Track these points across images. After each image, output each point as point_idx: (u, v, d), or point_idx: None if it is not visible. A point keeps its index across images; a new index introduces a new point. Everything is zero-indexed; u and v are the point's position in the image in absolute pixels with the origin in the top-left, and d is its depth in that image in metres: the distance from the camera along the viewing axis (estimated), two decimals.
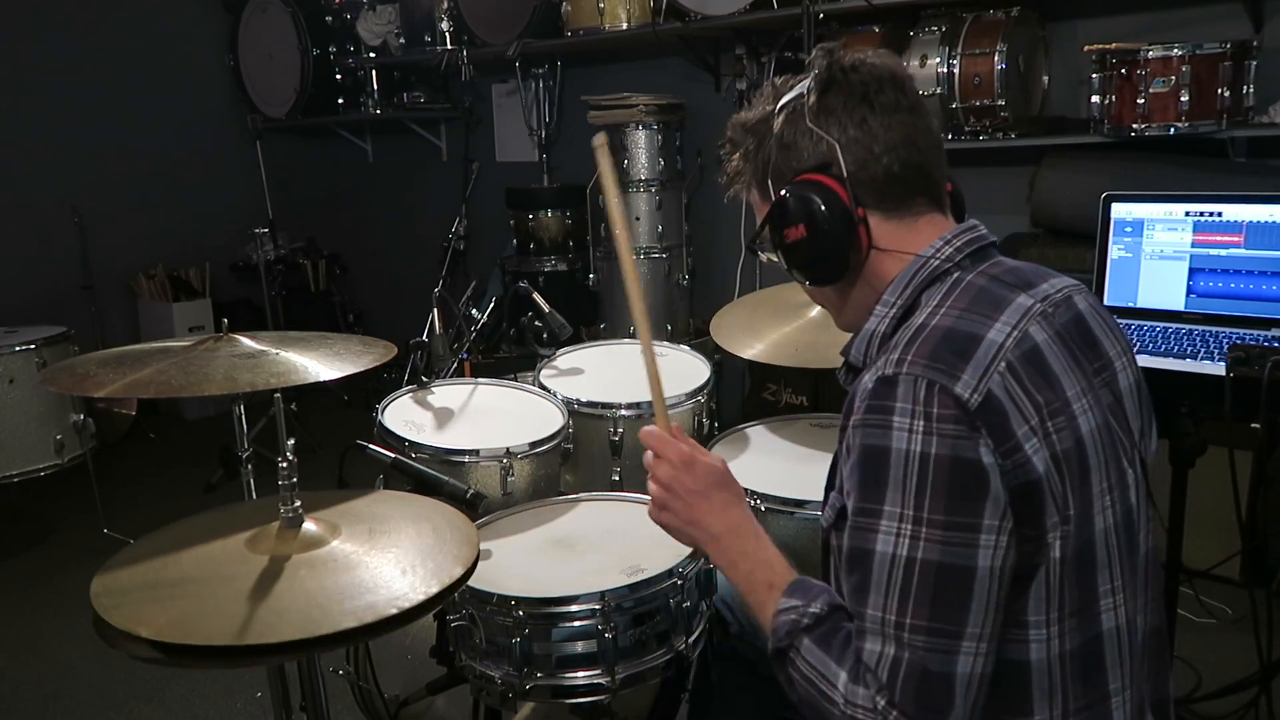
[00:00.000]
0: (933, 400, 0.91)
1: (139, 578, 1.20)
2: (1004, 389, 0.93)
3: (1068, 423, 0.97)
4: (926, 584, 0.91)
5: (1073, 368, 1.01)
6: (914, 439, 0.91)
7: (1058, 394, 0.97)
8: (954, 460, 0.90)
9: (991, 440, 0.91)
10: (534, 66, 4.35)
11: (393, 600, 1.14)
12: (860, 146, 1.07)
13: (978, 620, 0.91)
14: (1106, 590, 0.99)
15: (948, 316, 0.99)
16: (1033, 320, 1.01)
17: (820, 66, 1.10)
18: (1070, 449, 0.96)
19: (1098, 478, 0.99)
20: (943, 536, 0.90)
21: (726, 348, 2.10)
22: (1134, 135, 2.68)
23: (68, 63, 4.65)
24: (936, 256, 1.08)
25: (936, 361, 0.94)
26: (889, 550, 0.92)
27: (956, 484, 0.90)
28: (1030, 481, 0.92)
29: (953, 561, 0.90)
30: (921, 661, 0.91)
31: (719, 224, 4.12)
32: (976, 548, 0.90)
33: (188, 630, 1.09)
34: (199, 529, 1.34)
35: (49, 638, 2.93)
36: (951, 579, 0.90)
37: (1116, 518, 1.00)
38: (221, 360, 1.58)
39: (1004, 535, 0.91)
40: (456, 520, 1.38)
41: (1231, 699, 2.17)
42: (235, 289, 5.23)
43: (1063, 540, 0.95)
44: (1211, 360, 1.84)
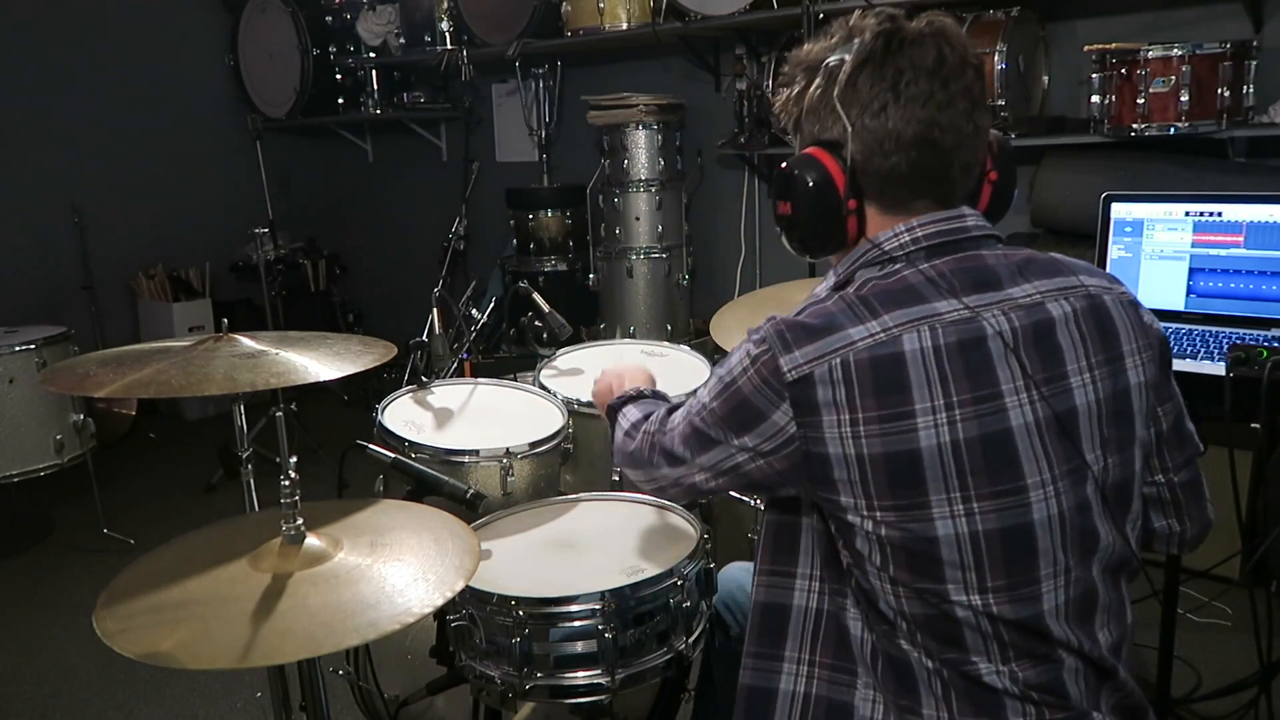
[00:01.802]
0: (761, 357, 1.05)
1: (143, 600, 1.20)
2: (825, 378, 1.01)
3: (889, 431, 1.00)
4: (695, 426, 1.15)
5: (954, 379, 1.00)
6: (738, 367, 1.08)
7: (893, 403, 1.00)
8: (744, 400, 1.07)
9: (793, 410, 1.03)
10: (534, 66, 4.35)
11: (395, 617, 1.14)
12: (872, 137, 1.06)
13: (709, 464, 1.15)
14: (958, 588, 1.02)
15: (841, 302, 1.05)
16: (920, 326, 1.01)
17: (869, 35, 1.06)
18: (881, 455, 1.00)
19: (940, 486, 1.00)
20: (713, 422, 1.12)
21: (726, 347, 2.09)
22: (1134, 135, 2.68)
23: (68, 63, 4.65)
24: (889, 244, 1.09)
25: (787, 331, 1.04)
26: (697, 400, 1.17)
27: (736, 411, 1.08)
28: (820, 455, 1.03)
29: (706, 433, 1.13)
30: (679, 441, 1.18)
31: (719, 224, 4.12)
32: (727, 444, 1.11)
33: (194, 654, 1.10)
34: (201, 545, 1.34)
35: (49, 638, 2.93)
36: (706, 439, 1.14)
37: (982, 528, 1.01)
38: (221, 360, 1.58)
39: (754, 456, 1.09)
40: (458, 529, 1.38)
41: (1231, 699, 2.17)
42: (235, 289, 5.23)
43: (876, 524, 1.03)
44: (1211, 360, 1.84)
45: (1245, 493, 2.51)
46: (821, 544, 1.12)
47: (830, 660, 1.11)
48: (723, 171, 4.08)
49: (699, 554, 1.59)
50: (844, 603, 1.11)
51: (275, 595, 1.19)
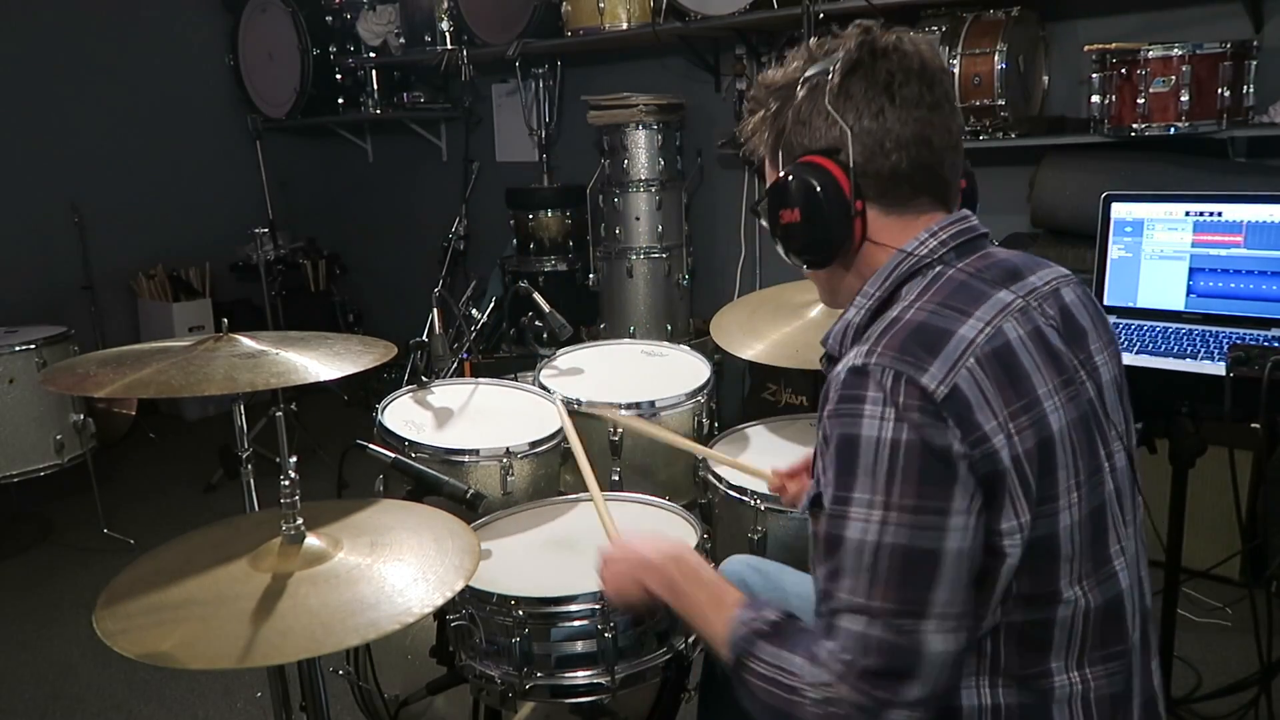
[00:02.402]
0: (899, 390, 0.94)
1: (143, 600, 1.20)
2: (971, 383, 0.95)
3: (1033, 421, 0.97)
4: (895, 566, 0.93)
5: (1046, 365, 1.01)
6: (884, 426, 0.93)
7: (1024, 392, 0.98)
8: (923, 445, 0.92)
9: (959, 430, 0.93)
10: (534, 66, 4.35)
11: (395, 617, 1.15)
12: (872, 139, 1.06)
13: (943, 599, 0.93)
14: (1066, 583, 1.00)
15: (922, 311, 1.01)
16: (1008, 317, 1.01)
17: (852, 44, 1.08)
18: (1032, 449, 0.96)
19: (1065, 474, 0.99)
20: (912, 520, 0.92)
21: (726, 348, 2.10)
22: (1134, 135, 2.68)
23: (68, 63, 4.65)
24: (919, 250, 1.08)
25: (905, 354, 0.96)
26: (861, 536, 0.94)
27: (926, 469, 0.92)
28: (997, 471, 0.94)
29: (921, 545, 0.92)
30: (886, 636, 0.93)
31: (719, 224, 4.12)
32: (945, 530, 0.92)
33: (194, 654, 1.10)
34: (201, 545, 1.34)
35: (49, 638, 2.93)
36: (919, 561, 0.92)
37: (1083, 514, 1.01)
38: (221, 360, 1.58)
39: (973, 517, 0.93)
40: (457, 529, 1.38)
41: (1231, 699, 2.17)
42: (235, 289, 5.22)
43: (1027, 530, 0.96)
44: (1211, 360, 1.84)
45: (1245, 493, 2.52)
46: None
47: None
48: (723, 171, 4.08)
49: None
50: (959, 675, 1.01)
51: (275, 595, 1.19)
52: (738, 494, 1.85)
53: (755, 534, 1.80)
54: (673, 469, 2.15)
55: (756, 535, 1.80)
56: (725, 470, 1.91)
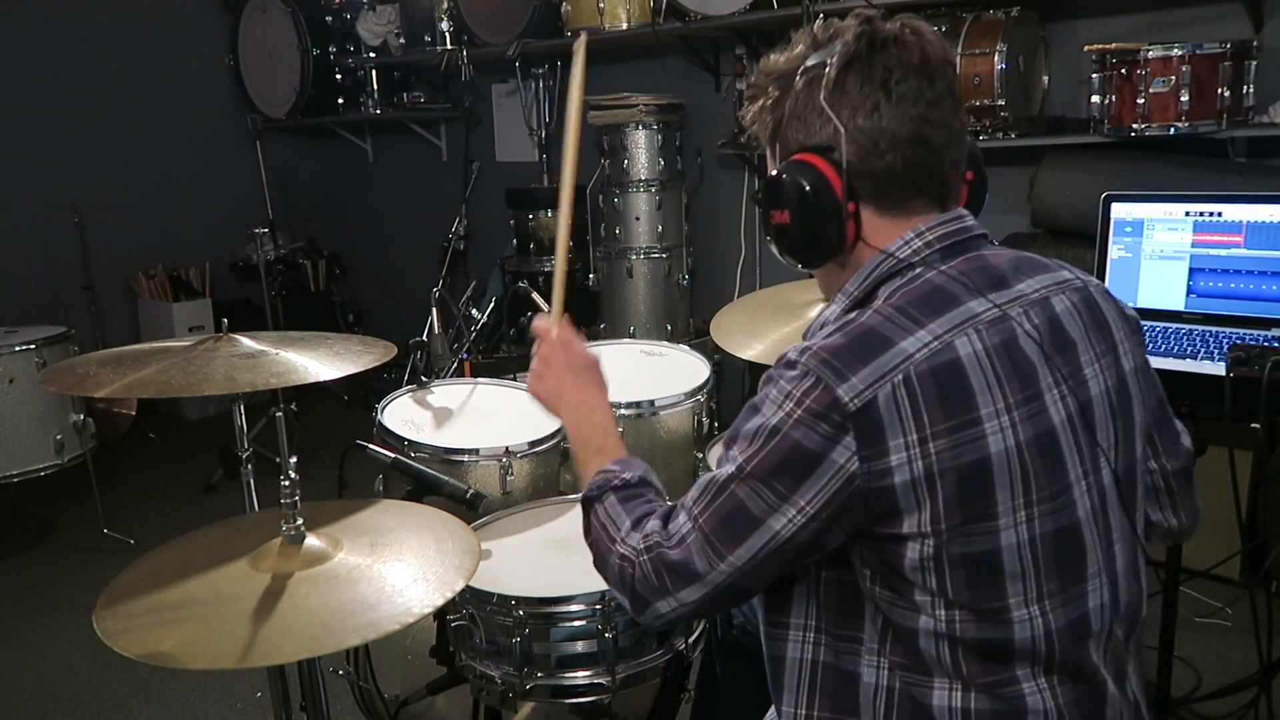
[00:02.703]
0: (810, 393, 0.97)
1: (143, 600, 1.20)
2: (890, 401, 0.95)
3: (958, 443, 0.96)
4: (725, 508, 1.02)
5: (1008, 380, 0.99)
6: (777, 414, 0.99)
7: (957, 413, 0.96)
8: (797, 445, 0.97)
9: (856, 444, 0.96)
10: (534, 66, 4.35)
11: (395, 617, 1.15)
12: (866, 138, 1.03)
13: (742, 556, 1.01)
14: (1019, 601, 0.99)
15: (877, 315, 1.00)
16: (969, 329, 0.99)
17: (849, 36, 1.04)
18: (953, 468, 0.96)
19: (1006, 494, 0.97)
20: (754, 488, 1.00)
21: (726, 348, 2.10)
22: (1134, 135, 2.68)
23: (67, 63, 4.65)
24: (902, 250, 1.06)
25: (835, 359, 0.97)
26: (720, 477, 1.03)
27: (787, 462, 0.98)
28: (882, 488, 0.96)
29: (750, 509, 1.00)
30: (694, 546, 1.03)
31: (719, 224, 4.12)
32: (775, 511, 0.99)
33: (194, 654, 1.10)
34: (201, 545, 1.34)
35: (49, 638, 2.93)
36: (743, 518, 1.01)
37: (1037, 532, 0.99)
38: (221, 360, 1.58)
39: (809, 520, 0.98)
40: (457, 529, 1.38)
41: (1231, 699, 2.17)
42: (235, 289, 5.22)
43: (936, 546, 0.97)
44: (1211, 360, 1.84)
45: (1245, 493, 2.52)
46: (826, 591, 1.07)
47: (828, 714, 1.07)
48: (723, 171, 4.08)
49: None
50: (857, 649, 1.05)
51: (275, 595, 1.19)
52: None
53: None
54: (673, 469, 2.15)
55: None
56: None
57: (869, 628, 1.05)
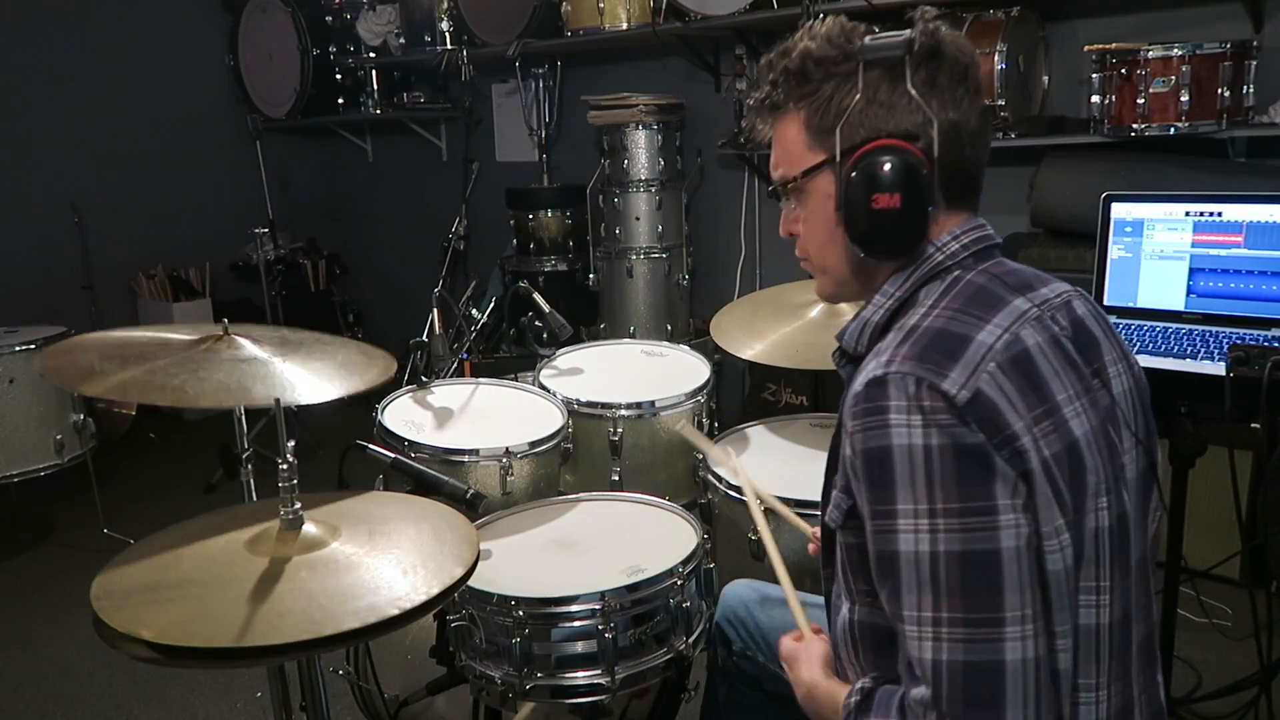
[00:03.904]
0: (923, 395, 0.91)
1: (139, 580, 1.20)
2: (994, 386, 0.93)
3: (1055, 427, 0.95)
4: (955, 574, 0.89)
5: (1065, 372, 1.00)
6: (913, 433, 0.91)
7: (1044, 399, 0.96)
8: (956, 448, 0.90)
9: (984, 434, 0.90)
10: (534, 66, 4.35)
11: (394, 601, 1.14)
12: (954, 128, 1.04)
13: (1015, 602, 0.89)
14: (1089, 588, 0.98)
15: (940, 317, 0.99)
16: (1026, 324, 1.00)
17: (921, 28, 1.03)
18: (1060, 453, 0.95)
19: (1093, 480, 0.98)
20: (961, 524, 0.89)
21: (726, 348, 2.10)
22: (1134, 135, 2.68)
23: (67, 63, 4.65)
24: (940, 252, 1.06)
25: (924, 362, 0.94)
26: (912, 548, 0.91)
27: (963, 470, 0.90)
28: (1028, 471, 0.92)
29: (976, 547, 0.89)
30: (964, 658, 0.89)
31: (719, 224, 4.12)
32: (997, 529, 0.89)
33: (189, 633, 1.09)
34: (199, 530, 1.34)
35: (49, 638, 2.93)
36: (980, 565, 0.89)
37: (1110, 520, 1.00)
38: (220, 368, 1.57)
39: (1019, 513, 0.90)
40: (456, 520, 1.38)
41: (1231, 699, 2.17)
42: (235, 289, 5.22)
43: (1062, 545, 0.94)
44: (1211, 360, 1.84)
45: (1245, 493, 2.52)
46: None
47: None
48: (723, 171, 4.08)
49: (699, 554, 1.59)
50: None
51: (273, 578, 1.19)
52: (738, 494, 1.84)
53: (755, 534, 1.80)
54: (673, 469, 2.15)
55: (756, 536, 1.80)
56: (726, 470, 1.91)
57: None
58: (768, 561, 1.39)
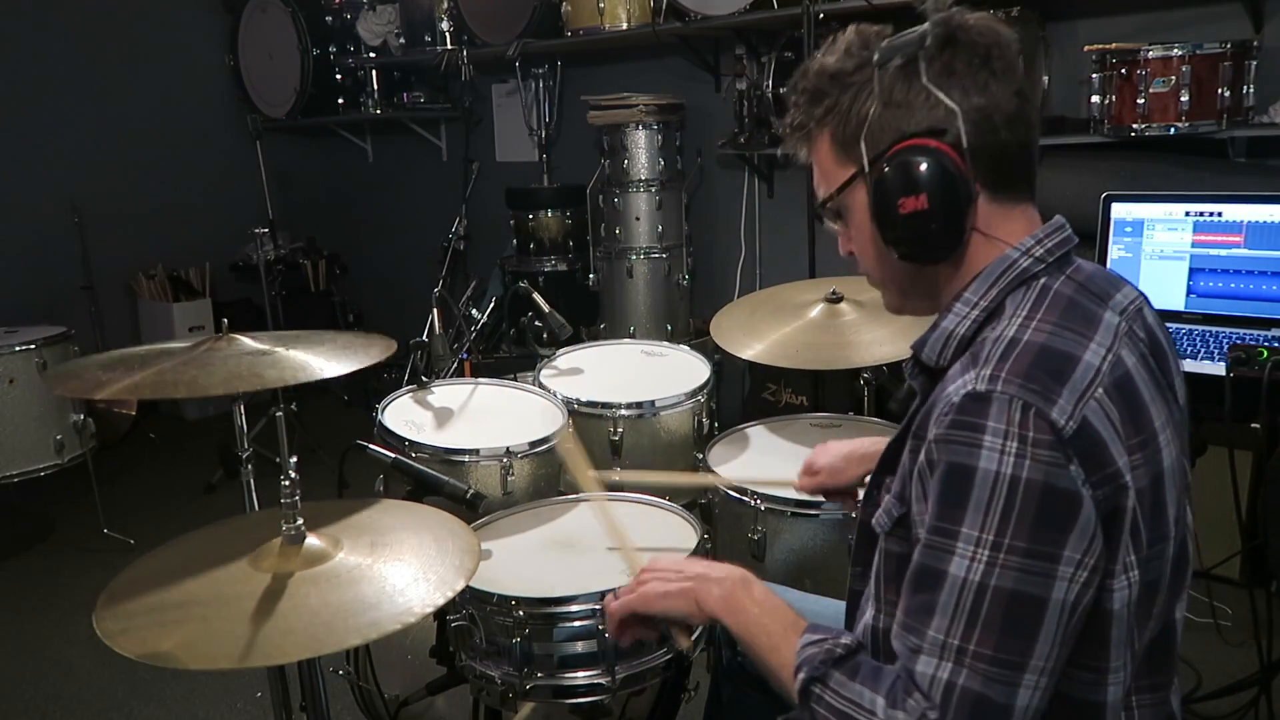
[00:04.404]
0: (1028, 424, 0.86)
1: (143, 601, 1.20)
2: (1101, 416, 0.88)
3: (1149, 458, 0.92)
4: (997, 611, 0.87)
5: (1156, 395, 0.96)
6: (1005, 460, 0.86)
7: (1144, 426, 0.92)
8: (1046, 487, 0.86)
9: (1084, 470, 0.86)
10: (534, 66, 4.35)
11: (397, 616, 1.14)
12: (983, 115, 0.98)
13: (1044, 653, 0.87)
14: (1158, 613, 0.98)
15: (1040, 332, 0.93)
16: (1123, 342, 0.95)
17: (936, 20, 0.98)
18: (1146, 486, 0.91)
19: (1173, 510, 0.95)
20: (1020, 564, 0.86)
21: (726, 348, 2.10)
22: (1134, 135, 2.68)
23: (67, 63, 4.65)
24: (1027, 257, 1.00)
25: (1032, 382, 0.88)
26: (963, 574, 0.88)
27: (1045, 512, 0.86)
28: (1118, 508, 0.88)
29: (1028, 590, 0.86)
30: (981, 689, 0.87)
31: (719, 224, 4.12)
32: (1054, 579, 0.86)
33: (195, 654, 1.09)
34: (201, 545, 1.34)
35: (49, 638, 2.93)
36: (1025, 609, 0.87)
37: (1175, 548, 0.98)
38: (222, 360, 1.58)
39: (1085, 571, 0.87)
40: (457, 529, 1.38)
41: (1231, 699, 2.17)
42: (235, 289, 5.22)
43: (1130, 582, 0.91)
44: (1211, 360, 1.84)
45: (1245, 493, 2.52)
46: None
47: None
48: (723, 171, 4.08)
49: (699, 554, 1.59)
50: None
51: (276, 595, 1.19)
52: (738, 494, 1.84)
53: (755, 534, 1.80)
54: (673, 469, 2.15)
55: (756, 535, 1.80)
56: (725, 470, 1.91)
57: None
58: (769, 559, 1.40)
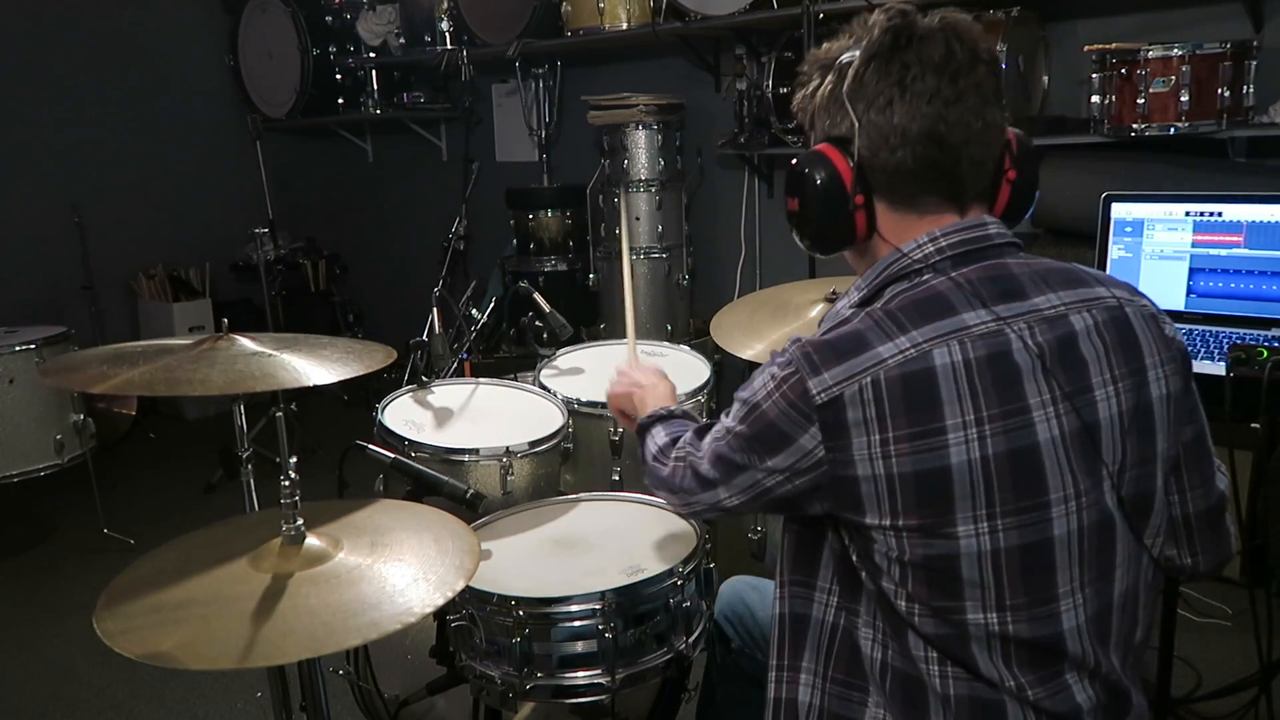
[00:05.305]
0: (788, 380, 1.04)
1: (143, 601, 1.20)
2: (855, 399, 1.00)
3: (920, 450, 0.98)
4: (719, 451, 1.14)
5: (984, 393, 0.99)
6: (763, 390, 1.07)
7: (923, 420, 0.98)
8: (771, 425, 1.05)
9: (821, 435, 1.02)
10: (534, 66, 4.35)
11: (397, 616, 1.14)
12: (877, 132, 1.06)
13: (737, 490, 1.13)
14: (976, 607, 1.01)
15: (868, 319, 1.04)
16: (950, 340, 1.00)
17: (877, 31, 1.06)
18: (911, 473, 0.99)
19: (967, 503, 0.99)
20: (738, 445, 1.11)
21: (726, 348, 2.10)
22: (1134, 135, 2.68)
23: (67, 63, 4.65)
24: (913, 254, 1.07)
25: (815, 354, 1.03)
26: (722, 424, 1.16)
27: (762, 435, 1.07)
28: (848, 477, 1.02)
29: (733, 458, 1.12)
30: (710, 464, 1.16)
31: (719, 224, 4.12)
32: (752, 468, 1.09)
33: (195, 655, 1.09)
34: (201, 545, 1.34)
35: (49, 638, 2.93)
36: (731, 464, 1.13)
37: (1001, 545, 0.99)
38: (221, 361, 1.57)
39: (781, 480, 1.07)
40: (458, 529, 1.38)
41: (1231, 699, 2.17)
42: (235, 289, 5.23)
43: (899, 545, 1.01)
44: (1211, 360, 1.84)
45: (1245, 493, 2.52)
46: (837, 560, 1.11)
47: (842, 676, 1.10)
48: (723, 171, 4.08)
49: (699, 554, 1.59)
50: (856, 620, 1.09)
51: (276, 595, 1.19)
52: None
53: (755, 534, 1.80)
54: None
55: (756, 535, 1.80)
56: None
57: (865, 601, 1.08)
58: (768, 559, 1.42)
